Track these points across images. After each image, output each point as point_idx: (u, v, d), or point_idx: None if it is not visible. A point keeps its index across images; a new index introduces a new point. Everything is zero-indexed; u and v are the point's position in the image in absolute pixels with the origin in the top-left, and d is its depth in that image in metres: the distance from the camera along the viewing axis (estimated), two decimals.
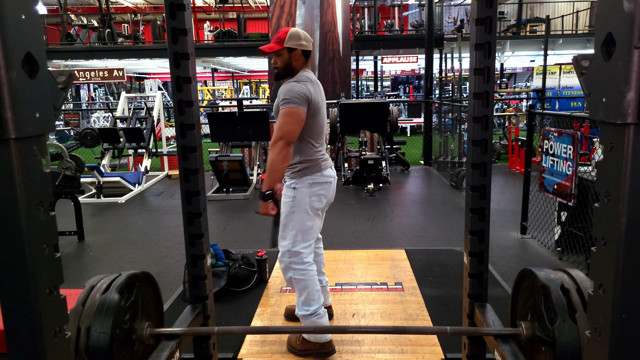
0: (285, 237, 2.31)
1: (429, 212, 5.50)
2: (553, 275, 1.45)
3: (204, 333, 1.84)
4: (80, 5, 19.07)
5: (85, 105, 21.80)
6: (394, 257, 3.78)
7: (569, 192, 3.57)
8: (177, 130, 1.71)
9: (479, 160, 1.66)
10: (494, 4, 1.55)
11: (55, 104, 0.96)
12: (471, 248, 1.71)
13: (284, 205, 2.31)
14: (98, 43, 13.35)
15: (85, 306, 1.43)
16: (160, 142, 8.54)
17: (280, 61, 2.27)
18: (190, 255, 1.79)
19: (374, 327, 2.52)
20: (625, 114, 0.82)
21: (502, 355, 1.46)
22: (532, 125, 4.38)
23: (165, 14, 1.62)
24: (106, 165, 7.47)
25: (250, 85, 27.58)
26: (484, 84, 1.62)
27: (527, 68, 21.97)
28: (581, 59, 1.04)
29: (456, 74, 8.97)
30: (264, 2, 20.45)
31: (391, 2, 15.59)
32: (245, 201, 6.19)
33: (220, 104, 13.66)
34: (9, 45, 0.81)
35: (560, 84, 11.91)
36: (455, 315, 2.79)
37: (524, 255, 3.98)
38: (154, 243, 4.53)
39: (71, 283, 3.52)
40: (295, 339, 2.44)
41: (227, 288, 3.14)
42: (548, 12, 14.43)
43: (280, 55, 2.26)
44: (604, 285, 0.91)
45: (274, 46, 2.24)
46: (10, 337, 0.93)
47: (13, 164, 0.85)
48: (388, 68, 21.36)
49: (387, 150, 7.57)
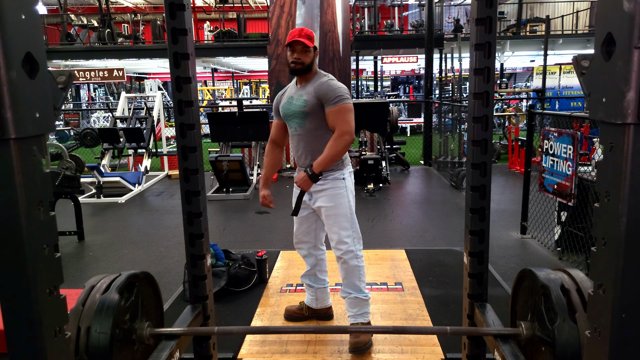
0: (345, 227, 2.35)
1: (429, 212, 5.50)
2: (553, 275, 1.45)
3: (204, 333, 1.84)
4: (80, 5, 19.07)
5: (85, 105, 21.80)
6: (394, 257, 3.78)
7: (569, 192, 3.57)
8: (177, 130, 1.72)
9: (479, 160, 1.66)
10: (494, 4, 1.55)
11: (55, 104, 0.96)
12: (471, 248, 1.71)
13: (334, 197, 2.35)
14: (98, 43, 13.35)
15: (85, 306, 1.43)
16: (160, 142, 8.54)
17: (308, 58, 2.31)
18: (190, 255, 1.79)
19: (374, 327, 2.51)
20: (625, 114, 0.82)
21: (502, 355, 1.46)
22: (532, 125, 4.38)
23: (165, 14, 1.62)
24: (106, 165, 7.47)
25: (250, 85, 27.58)
26: (484, 84, 1.62)
27: (527, 68, 21.97)
28: (581, 59, 1.04)
29: (456, 74, 8.97)
30: (264, 2, 20.45)
31: (391, 2, 15.59)
32: (245, 201, 6.19)
33: (220, 104, 13.67)
34: (9, 45, 0.81)
35: (560, 84, 11.91)
36: (455, 315, 2.79)
37: (524, 255, 3.97)
38: (154, 243, 4.53)
39: (71, 283, 3.52)
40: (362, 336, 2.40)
41: (227, 288, 3.14)
42: (548, 12, 14.42)
43: (309, 52, 2.31)
44: (604, 285, 0.91)
45: (309, 43, 2.28)
46: (10, 337, 0.93)
47: (13, 164, 0.85)
48: (388, 68, 21.37)
49: (387, 150, 7.57)
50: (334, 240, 2.39)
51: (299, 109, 2.33)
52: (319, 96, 2.28)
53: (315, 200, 2.41)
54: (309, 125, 2.34)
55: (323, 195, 2.37)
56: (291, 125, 2.41)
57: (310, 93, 2.30)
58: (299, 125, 2.36)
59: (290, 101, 2.39)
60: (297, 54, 2.29)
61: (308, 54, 2.30)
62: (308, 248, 2.59)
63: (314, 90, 2.29)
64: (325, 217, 2.39)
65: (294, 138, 2.43)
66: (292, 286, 3.28)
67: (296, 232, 2.59)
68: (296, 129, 2.38)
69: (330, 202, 2.35)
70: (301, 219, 2.53)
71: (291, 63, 2.33)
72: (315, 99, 2.28)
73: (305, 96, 2.31)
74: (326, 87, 2.27)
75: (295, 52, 2.30)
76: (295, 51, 2.30)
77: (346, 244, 2.36)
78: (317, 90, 2.28)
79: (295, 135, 2.41)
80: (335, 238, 2.38)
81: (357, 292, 2.42)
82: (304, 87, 2.35)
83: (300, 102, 2.32)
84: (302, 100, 2.31)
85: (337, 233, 2.36)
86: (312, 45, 2.30)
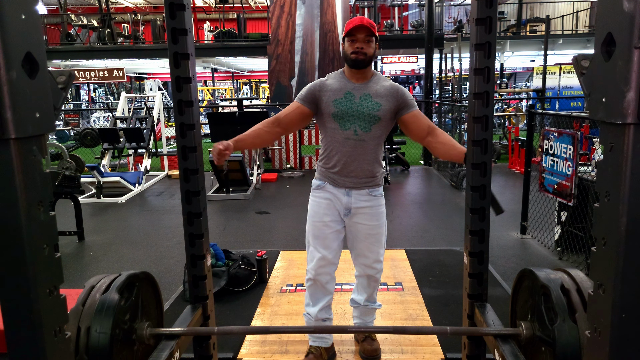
0: (383, 245, 2.23)
1: (429, 212, 5.50)
2: (553, 275, 1.45)
3: (204, 333, 1.84)
4: (80, 5, 19.06)
5: (85, 105, 21.80)
6: (394, 257, 3.78)
7: (569, 192, 3.57)
8: (177, 130, 1.71)
9: (479, 160, 1.66)
10: (494, 4, 1.55)
11: (55, 104, 0.96)
12: (471, 248, 1.71)
13: (378, 215, 2.17)
14: (98, 43, 13.35)
15: (85, 306, 1.43)
16: (160, 142, 8.54)
17: (371, 49, 2.02)
18: (190, 255, 1.79)
19: (374, 327, 2.51)
20: (625, 114, 0.82)
21: (502, 355, 1.46)
22: (532, 125, 4.39)
23: (165, 14, 1.62)
24: (106, 165, 7.47)
25: (250, 85, 27.58)
26: (484, 84, 1.62)
27: (527, 68, 21.96)
28: (581, 59, 1.04)
29: (456, 74, 8.97)
30: (264, 2, 20.44)
31: (391, 2, 15.60)
32: (245, 201, 6.18)
33: (220, 104, 13.67)
34: (9, 45, 0.81)
35: (560, 84, 11.91)
36: (455, 315, 2.79)
37: (524, 255, 3.97)
38: (154, 243, 4.53)
39: (71, 283, 3.52)
40: (377, 344, 2.39)
41: (227, 288, 3.14)
42: (548, 12, 14.43)
43: (372, 43, 2.03)
44: (604, 285, 0.91)
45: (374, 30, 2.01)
46: (10, 337, 0.93)
47: (13, 164, 0.85)
48: (388, 68, 21.36)
49: (387, 150, 7.57)
50: (370, 258, 2.20)
51: (370, 111, 2.02)
52: (397, 101, 2.05)
53: (354, 215, 2.14)
54: (375, 132, 2.05)
55: (366, 213, 2.13)
56: (346, 127, 2.04)
57: (385, 96, 2.04)
58: (363, 129, 2.03)
59: (351, 99, 2.04)
60: (360, 42, 1.99)
61: (371, 44, 2.02)
62: (334, 271, 2.24)
63: (388, 94, 2.05)
64: (366, 235, 2.15)
65: (346, 143, 2.05)
66: (292, 286, 3.28)
67: (324, 255, 2.15)
68: (356, 133, 2.03)
69: (375, 221, 2.15)
70: (333, 234, 2.16)
71: (352, 53, 2.01)
72: (391, 105, 2.05)
73: (377, 98, 2.03)
74: (402, 92, 2.07)
75: (357, 42, 2.00)
76: (358, 40, 2.00)
77: (381, 262, 2.24)
78: (392, 94, 2.05)
79: (350, 140, 2.04)
80: (373, 257, 2.19)
81: (375, 304, 2.38)
82: (366, 85, 2.07)
83: (371, 104, 2.03)
84: (375, 103, 2.03)
85: (376, 252, 2.19)
86: (376, 34, 2.02)
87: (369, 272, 2.24)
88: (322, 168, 2.17)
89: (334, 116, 2.05)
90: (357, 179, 2.10)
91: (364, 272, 2.25)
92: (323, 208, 2.14)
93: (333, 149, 2.09)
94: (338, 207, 2.14)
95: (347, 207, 2.12)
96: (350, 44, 2.01)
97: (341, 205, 2.13)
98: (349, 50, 2.01)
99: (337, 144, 2.07)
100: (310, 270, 2.19)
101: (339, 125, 2.05)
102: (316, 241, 2.16)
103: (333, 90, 2.07)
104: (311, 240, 2.19)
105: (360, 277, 2.33)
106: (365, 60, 2.01)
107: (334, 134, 2.07)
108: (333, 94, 2.06)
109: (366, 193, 2.12)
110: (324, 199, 2.14)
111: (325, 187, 2.15)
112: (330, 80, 2.11)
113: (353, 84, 2.07)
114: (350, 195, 2.11)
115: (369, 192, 2.12)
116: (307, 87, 2.13)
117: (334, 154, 2.09)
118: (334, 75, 2.14)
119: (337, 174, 2.10)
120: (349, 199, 2.12)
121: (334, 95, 2.06)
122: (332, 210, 2.14)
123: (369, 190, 2.12)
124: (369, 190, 2.13)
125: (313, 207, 2.19)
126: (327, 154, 2.12)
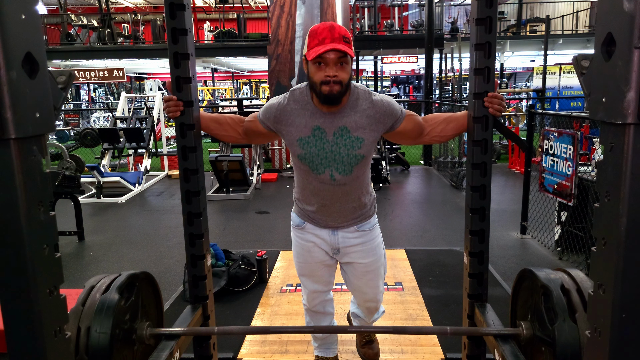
0: (383, 277, 1.97)
1: (429, 212, 5.50)
2: (553, 275, 1.45)
3: (204, 333, 1.84)
4: (80, 5, 19.06)
5: (85, 105, 21.80)
6: (394, 257, 3.78)
7: (569, 192, 3.57)
8: (177, 130, 1.71)
9: (479, 160, 1.66)
10: (494, 4, 1.55)
11: (55, 104, 0.96)
12: (471, 248, 1.71)
13: (373, 251, 1.85)
14: (98, 43, 13.35)
15: (85, 306, 1.43)
16: (160, 142, 8.54)
17: (346, 73, 1.51)
18: (190, 255, 1.79)
19: (374, 327, 2.51)
20: (625, 114, 0.82)
21: (502, 355, 1.46)
22: (532, 125, 4.38)
23: (165, 14, 1.62)
24: (106, 165, 7.47)
25: (250, 85, 27.59)
26: (484, 84, 1.62)
27: (527, 68, 21.96)
28: (581, 59, 1.04)
29: (456, 74, 8.97)
30: (264, 2, 20.44)
31: (391, 2, 15.59)
32: (245, 201, 6.18)
33: (220, 104, 13.67)
34: (9, 45, 0.81)
35: (560, 84, 11.91)
36: (455, 315, 2.79)
37: (524, 255, 3.97)
38: (154, 243, 4.52)
39: (71, 283, 3.52)
40: (377, 345, 2.34)
41: (227, 288, 3.14)
42: (548, 12, 14.42)
43: (348, 65, 1.51)
44: (604, 285, 0.91)
45: (348, 49, 1.47)
46: (10, 337, 0.93)
47: (13, 164, 0.85)
48: (388, 68, 21.37)
49: (387, 150, 7.57)
50: (368, 294, 1.96)
51: (350, 150, 1.59)
52: (385, 125, 1.63)
53: (345, 255, 1.84)
54: (357, 172, 1.65)
55: (358, 251, 1.82)
56: (320, 171, 1.63)
57: (368, 126, 1.59)
58: (342, 173, 1.62)
59: (322, 137, 1.59)
60: (332, 68, 1.46)
61: (346, 67, 1.50)
62: (329, 295, 2.06)
63: (372, 122, 1.60)
64: (363, 273, 1.87)
65: (322, 187, 1.66)
66: (292, 286, 3.28)
67: (315, 289, 1.95)
68: (333, 178, 1.63)
69: (370, 257, 1.84)
70: (322, 269, 1.89)
71: (322, 84, 1.48)
72: (378, 133, 1.62)
73: (358, 132, 1.58)
74: (389, 109, 1.61)
75: (328, 66, 1.47)
76: (328, 64, 1.47)
77: (382, 292, 2.01)
78: (377, 120, 1.60)
79: (326, 184, 1.65)
80: (372, 293, 1.95)
81: (379, 313, 2.18)
82: (341, 115, 1.58)
83: (350, 140, 1.58)
84: (355, 138, 1.58)
85: (376, 286, 1.93)
86: (352, 52, 1.50)
87: (370, 305, 2.03)
88: (299, 205, 1.83)
89: (302, 158, 1.63)
90: (342, 217, 1.76)
91: (364, 305, 2.05)
92: (307, 251, 1.85)
93: (307, 191, 1.73)
94: (325, 248, 1.83)
95: (334, 247, 1.81)
96: (317, 69, 1.49)
97: (327, 245, 1.82)
98: (316, 77, 1.50)
99: (312, 187, 1.70)
100: (305, 302, 2.06)
101: (309, 169, 1.64)
102: (304, 278, 1.95)
103: (296, 126, 1.61)
104: (299, 275, 1.97)
105: (359, 307, 2.15)
106: (342, 90, 1.50)
107: (306, 175, 1.68)
108: (296, 130, 1.61)
109: (354, 230, 1.79)
110: (307, 242, 1.83)
111: (306, 228, 1.82)
112: (293, 106, 1.63)
113: (323, 114, 1.59)
114: (336, 234, 1.79)
115: (357, 228, 1.79)
116: (265, 108, 1.70)
117: (310, 195, 1.73)
118: (298, 97, 1.63)
119: (317, 214, 1.76)
120: (335, 237, 1.79)
121: (298, 132, 1.60)
122: (317, 252, 1.84)
123: (357, 226, 1.79)
124: (358, 226, 1.79)
125: (296, 248, 1.90)
126: (302, 192, 1.77)
